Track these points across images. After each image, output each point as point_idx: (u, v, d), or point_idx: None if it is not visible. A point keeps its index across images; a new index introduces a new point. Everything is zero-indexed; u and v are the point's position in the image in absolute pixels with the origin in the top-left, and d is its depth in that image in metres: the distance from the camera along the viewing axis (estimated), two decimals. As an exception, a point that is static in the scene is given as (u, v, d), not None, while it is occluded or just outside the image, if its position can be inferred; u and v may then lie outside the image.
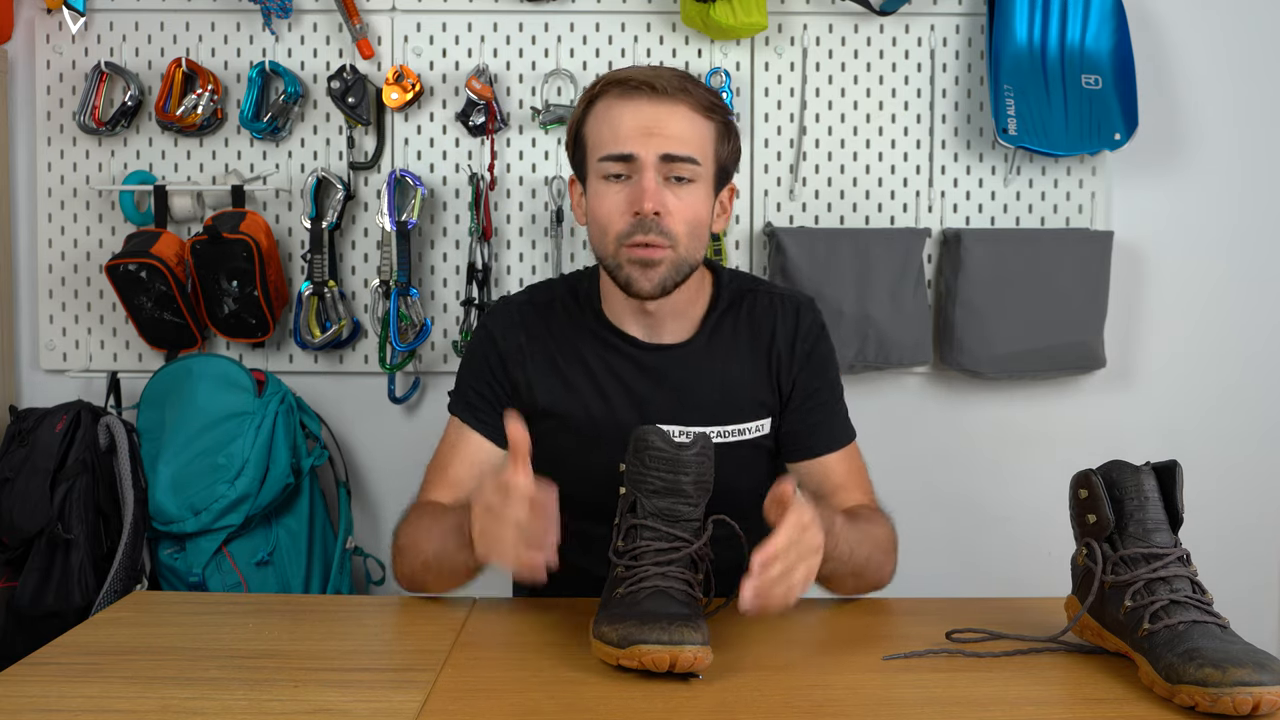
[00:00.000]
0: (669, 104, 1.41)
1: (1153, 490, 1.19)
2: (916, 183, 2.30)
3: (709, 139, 1.45)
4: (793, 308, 1.56)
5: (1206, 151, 2.34)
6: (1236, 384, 2.37)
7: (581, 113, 1.47)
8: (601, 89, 1.45)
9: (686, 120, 1.42)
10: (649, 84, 1.40)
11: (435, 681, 1.15)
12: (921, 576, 1.68)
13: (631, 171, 1.42)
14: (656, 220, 1.40)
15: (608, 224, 1.43)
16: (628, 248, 1.42)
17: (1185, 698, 1.05)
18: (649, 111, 1.41)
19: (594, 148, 1.45)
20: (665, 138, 1.40)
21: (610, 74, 1.46)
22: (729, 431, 1.52)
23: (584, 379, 1.52)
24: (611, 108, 1.43)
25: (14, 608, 2.02)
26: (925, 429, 2.35)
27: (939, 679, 1.17)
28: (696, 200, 1.43)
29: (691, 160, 1.42)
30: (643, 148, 1.40)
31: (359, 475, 2.36)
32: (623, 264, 1.43)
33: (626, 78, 1.43)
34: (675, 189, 1.42)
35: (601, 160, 1.43)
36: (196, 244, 2.14)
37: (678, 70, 1.46)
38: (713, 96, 1.45)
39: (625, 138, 1.41)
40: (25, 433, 2.10)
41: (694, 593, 1.21)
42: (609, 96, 1.44)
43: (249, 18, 2.26)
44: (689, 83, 1.43)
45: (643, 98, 1.41)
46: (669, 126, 1.41)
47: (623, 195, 1.42)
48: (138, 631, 1.32)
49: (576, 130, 1.48)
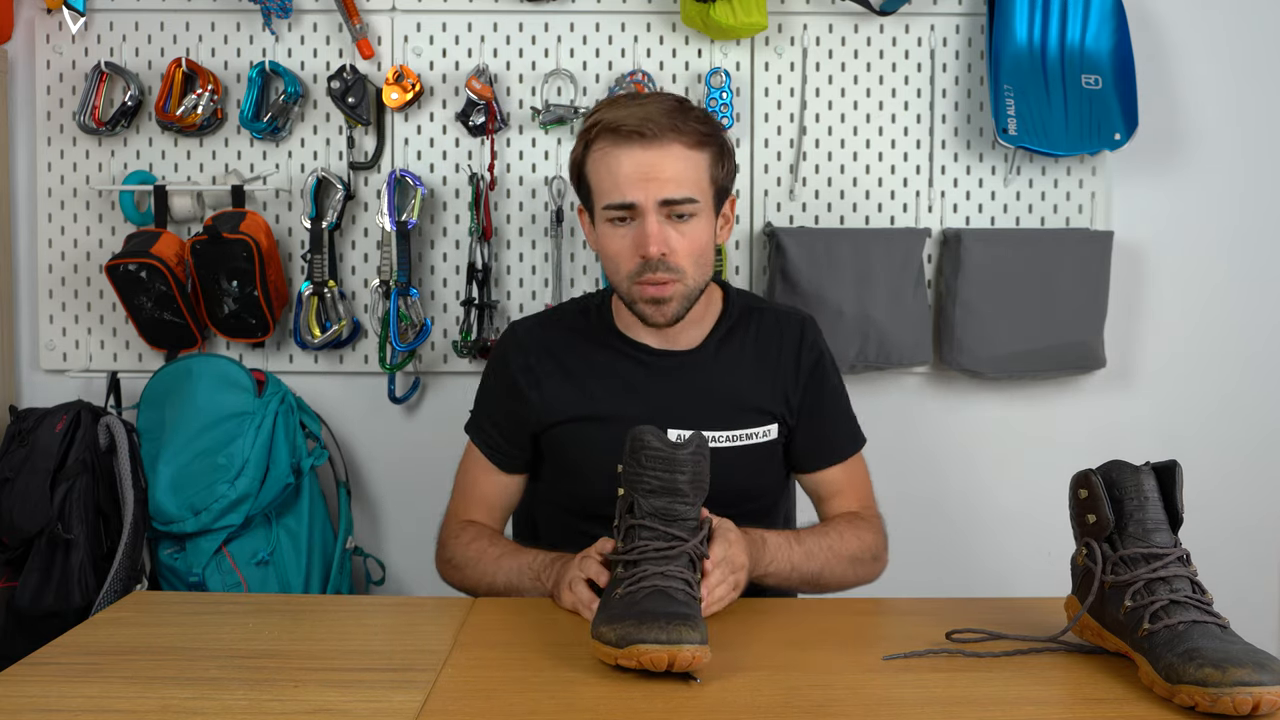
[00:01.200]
0: (660, 148, 1.46)
1: (1153, 490, 1.19)
2: (916, 183, 2.30)
3: (704, 171, 1.50)
4: (796, 324, 1.65)
5: (1206, 151, 2.34)
6: (1236, 384, 2.37)
7: (581, 153, 1.53)
8: (597, 133, 1.49)
9: (680, 160, 1.47)
10: (639, 132, 1.45)
11: (435, 681, 1.15)
12: (921, 576, 1.69)
13: (634, 216, 1.48)
14: (663, 259, 1.48)
15: (617, 262, 1.52)
16: (639, 285, 1.50)
17: (1185, 698, 1.05)
18: (643, 158, 1.46)
19: (597, 193, 1.52)
20: (662, 182, 1.46)
21: (603, 114, 1.50)
22: (738, 435, 1.57)
23: (595, 383, 1.59)
24: (608, 155, 1.48)
25: (14, 608, 2.02)
26: (925, 429, 2.35)
27: (939, 679, 1.17)
28: (698, 232, 1.50)
29: (689, 200, 1.48)
30: (641, 194, 1.46)
31: (359, 475, 2.36)
32: (636, 300, 1.53)
33: (617, 124, 1.47)
34: (677, 225, 1.49)
35: (604, 208, 1.50)
36: (196, 244, 2.14)
37: (667, 104, 1.49)
38: (703, 126, 1.50)
39: (624, 186, 1.47)
40: (25, 433, 2.09)
41: (693, 592, 1.21)
42: (604, 141, 1.49)
43: (249, 18, 2.26)
44: (679, 118, 1.47)
45: (636, 145, 1.46)
46: (664, 170, 1.46)
47: (628, 239, 1.49)
48: (138, 631, 1.32)
49: (579, 169, 1.54)
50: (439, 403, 2.32)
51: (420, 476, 1.64)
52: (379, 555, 2.32)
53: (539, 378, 1.60)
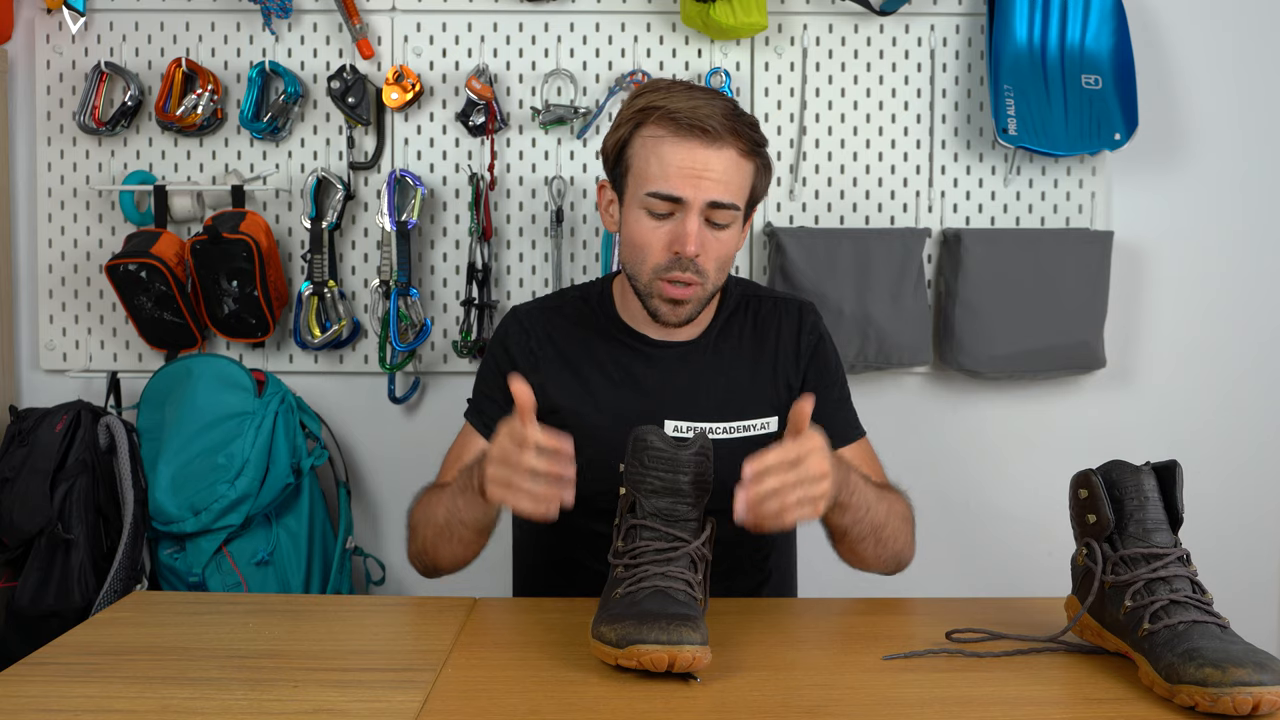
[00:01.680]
0: (718, 148, 1.43)
1: (1153, 490, 1.19)
2: (916, 183, 2.30)
3: (749, 180, 1.48)
4: (795, 310, 1.63)
5: (1207, 151, 2.34)
6: (1237, 384, 2.37)
7: (629, 132, 1.47)
8: (654, 118, 1.45)
9: (733, 165, 1.45)
10: (701, 126, 1.41)
11: (435, 681, 1.15)
12: (921, 576, 1.68)
13: (675, 210, 1.45)
14: (694, 260, 1.45)
15: (645, 253, 1.48)
16: (662, 281, 1.47)
17: (1185, 698, 1.05)
18: (700, 155, 1.42)
19: (639, 176, 1.46)
20: (713, 182, 1.43)
21: (660, 98, 1.45)
22: (735, 428, 1.55)
23: (596, 374, 1.57)
24: (662, 143, 1.44)
25: (14, 608, 2.02)
26: (925, 429, 2.35)
27: (939, 679, 1.17)
28: (731, 238, 1.49)
29: (733, 206, 1.46)
30: (692, 191, 1.43)
31: (359, 475, 2.36)
32: (654, 294, 1.49)
33: (678, 113, 1.42)
34: (714, 229, 1.46)
35: (648, 195, 1.45)
36: (196, 244, 2.14)
37: (726, 103, 1.46)
38: (756, 134, 1.47)
39: (675, 179, 1.43)
40: (25, 433, 2.10)
41: (694, 593, 1.21)
42: (659, 128, 1.44)
43: (249, 18, 2.26)
44: (738, 122, 1.44)
45: (695, 140, 1.42)
46: (716, 171, 1.43)
47: (664, 231, 1.46)
48: (138, 631, 1.32)
49: (621, 146, 1.49)
50: (439, 403, 2.32)
51: (420, 476, 1.62)
52: (379, 555, 2.32)
53: (539, 361, 1.58)
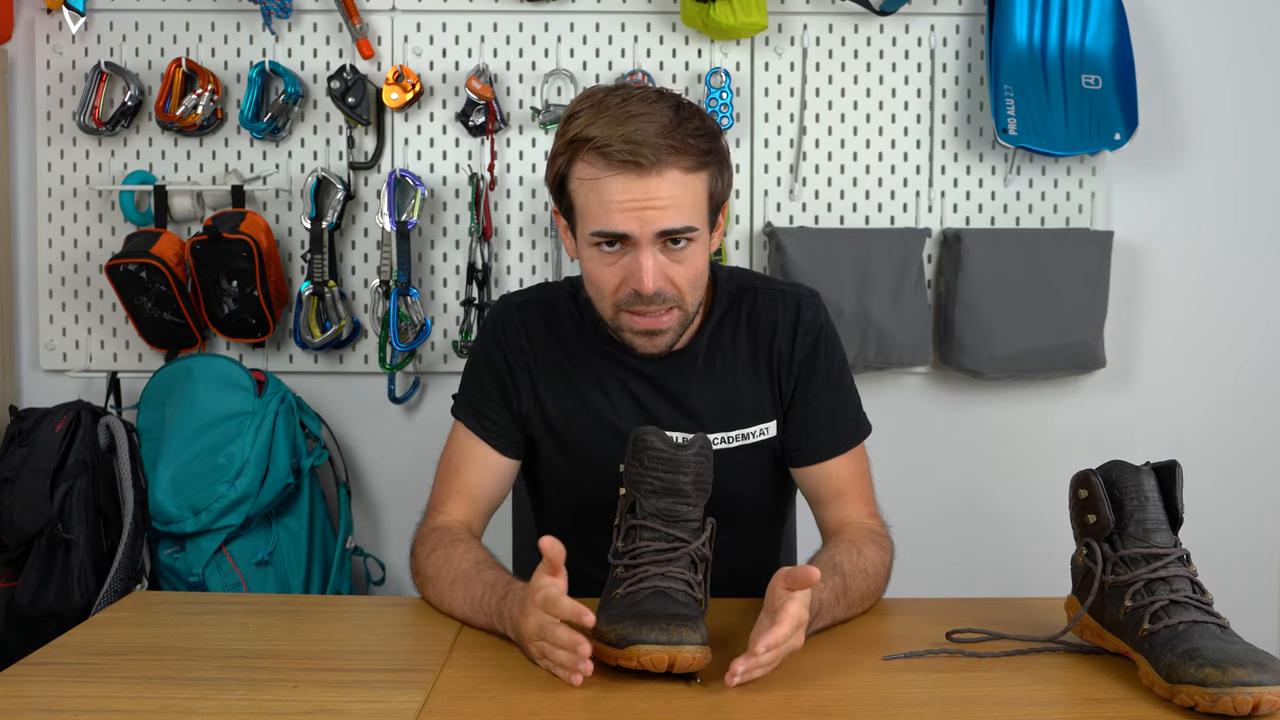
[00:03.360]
0: (658, 174, 1.29)
1: (1153, 490, 1.19)
2: (916, 183, 2.30)
3: (703, 192, 1.34)
4: (793, 303, 1.50)
5: (1206, 151, 2.34)
6: (1236, 384, 2.37)
7: (564, 166, 1.35)
8: (584, 153, 1.31)
9: (679, 185, 1.31)
10: (633, 160, 1.28)
11: (435, 681, 1.15)
12: (921, 576, 1.68)
13: (626, 245, 1.33)
14: (658, 292, 1.34)
15: (603, 289, 1.37)
16: (628, 314, 1.37)
17: (1185, 698, 1.05)
18: (638, 187, 1.29)
19: (583, 214, 1.35)
20: (659, 211, 1.30)
21: (589, 127, 1.31)
22: (732, 437, 1.49)
23: (589, 382, 1.50)
24: (598, 179, 1.31)
25: (14, 608, 2.02)
26: (925, 429, 2.35)
27: (939, 679, 1.17)
28: (696, 256, 1.36)
29: (688, 229, 1.32)
30: (637, 226, 1.30)
31: (359, 475, 2.36)
32: (623, 329, 1.40)
33: (606, 146, 1.29)
34: (672, 254, 1.34)
35: (593, 234, 1.33)
36: (196, 244, 2.14)
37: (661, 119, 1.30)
38: (702, 141, 1.32)
39: (616, 216, 1.30)
40: (25, 433, 2.10)
41: (693, 593, 1.21)
42: (592, 166, 1.31)
43: (249, 18, 2.26)
44: (675, 137, 1.30)
45: (630, 173, 1.29)
46: (661, 198, 1.30)
47: (618, 267, 1.34)
48: (138, 631, 1.32)
49: (560, 181, 1.37)
50: (439, 403, 2.32)
51: (420, 476, 1.62)
52: (379, 555, 2.32)
53: (531, 361, 1.50)
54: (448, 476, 1.50)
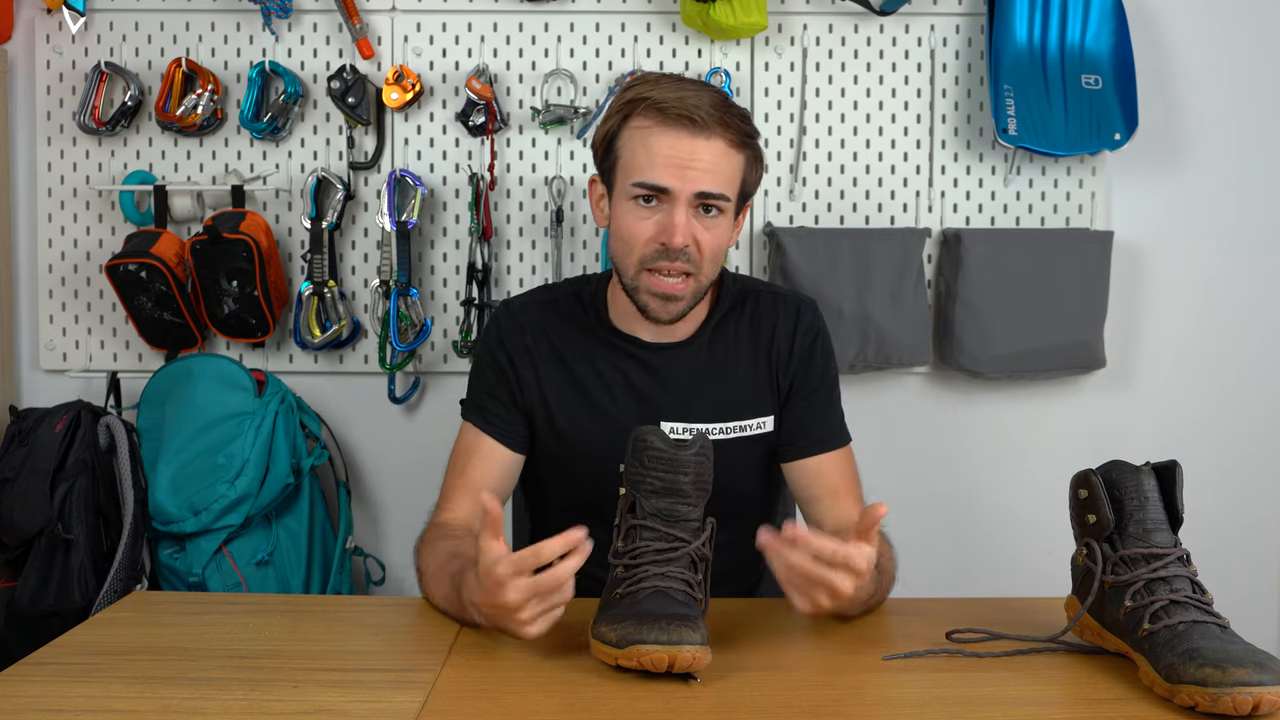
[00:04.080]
0: (706, 138, 1.40)
1: (1153, 490, 1.19)
2: (916, 183, 2.30)
3: (739, 171, 1.45)
4: (793, 307, 1.58)
5: (1206, 151, 2.34)
6: (1236, 383, 2.37)
7: (617, 124, 1.45)
8: (641, 109, 1.42)
9: (722, 155, 1.42)
10: (688, 116, 1.39)
11: (435, 681, 1.15)
12: (922, 576, 1.68)
13: (663, 201, 1.42)
14: (684, 250, 1.42)
15: (632, 245, 1.45)
16: (648, 273, 1.44)
17: (1185, 698, 1.05)
18: (687, 145, 1.40)
19: (627, 167, 1.44)
20: (701, 173, 1.40)
21: (649, 89, 1.43)
22: (731, 428, 1.54)
23: (591, 376, 1.54)
24: (650, 133, 1.41)
25: (14, 608, 2.02)
26: (925, 429, 2.35)
27: (939, 679, 1.17)
28: (722, 230, 1.46)
29: (723, 197, 1.43)
30: (678, 182, 1.40)
31: (359, 475, 2.36)
32: (641, 290, 1.46)
33: (665, 104, 1.40)
34: (703, 220, 1.43)
35: (635, 185, 1.43)
36: (196, 244, 2.14)
37: (715, 96, 1.43)
38: (746, 125, 1.45)
39: (661, 169, 1.40)
40: (25, 433, 2.10)
41: (693, 593, 1.21)
42: (647, 119, 1.42)
43: (249, 18, 2.26)
44: (727, 113, 1.42)
45: (682, 129, 1.40)
46: (704, 161, 1.41)
47: (651, 222, 1.43)
48: (138, 631, 1.32)
49: (610, 139, 1.47)
50: (439, 403, 2.32)
51: (420, 476, 1.62)
52: (379, 555, 2.32)
53: (534, 359, 1.55)
54: (453, 475, 1.54)
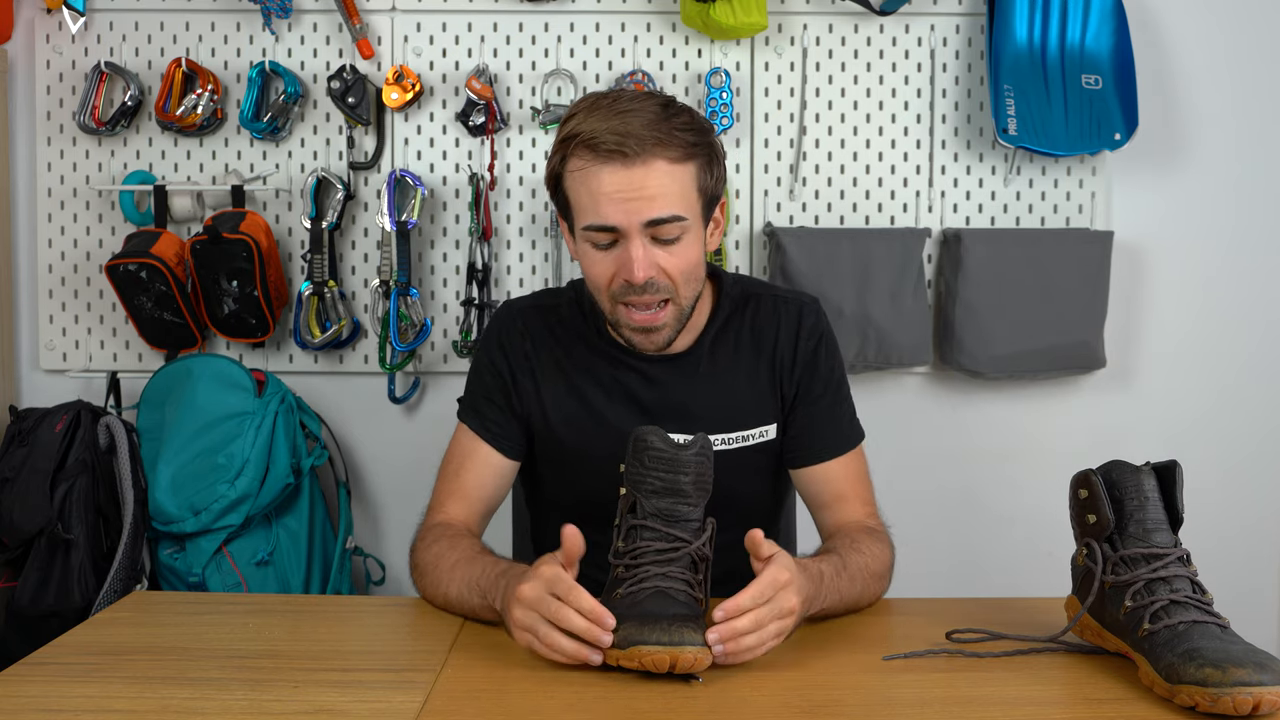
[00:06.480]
0: (643, 164, 1.33)
1: (1153, 490, 1.19)
2: (916, 183, 2.30)
3: (691, 184, 1.37)
4: (795, 310, 1.54)
5: (1206, 151, 2.34)
6: (1236, 384, 2.37)
7: (559, 165, 1.39)
8: (574, 148, 1.36)
9: (666, 175, 1.34)
10: (619, 150, 1.32)
11: (435, 681, 1.15)
12: (922, 576, 1.68)
13: (617, 238, 1.36)
14: (651, 282, 1.37)
15: (599, 284, 1.41)
16: (624, 308, 1.40)
17: (1185, 698, 1.05)
18: (624, 178, 1.33)
19: (576, 210, 1.39)
20: (646, 201, 1.33)
21: (580, 122, 1.36)
22: (733, 439, 1.51)
23: (591, 386, 1.52)
24: (587, 174, 1.35)
25: (14, 608, 2.02)
26: (925, 429, 2.35)
27: (939, 679, 1.17)
28: (688, 249, 1.39)
29: (677, 219, 1.36)
30: (624, 217, 1.34)
31: (359, 475, 2.36)
32: (621, 324, 1.43)
33: (595, 139, 1.33)
34: (665, 246, 1.37)
35: (584, 229, 1.38)
36: (196, 244, 2.14)
37: (649, 113, 1.35)
38: (689, 134, 1.36)
39: (605, 208, 1.34)
40: (25, 433, 2.10)
41: (694, 593, 1.21)
42: (581, 158, 1.35)
43: (249, 18, 2.26)
44: (661, 129, 1.34)
45: (616, 164, 1.33)
46: (648, 188, 1.33)
47: (610, 259, 1.38)
48: (138, 631, 1.32)
49: (555, 180, 1.41)
50: (439, 403, 2.32)
51: (420, 476, 1.62)
52: (379, 555, 2.32)
53: (534, 365, 1.53)
54: (448, 477, 1.52)
